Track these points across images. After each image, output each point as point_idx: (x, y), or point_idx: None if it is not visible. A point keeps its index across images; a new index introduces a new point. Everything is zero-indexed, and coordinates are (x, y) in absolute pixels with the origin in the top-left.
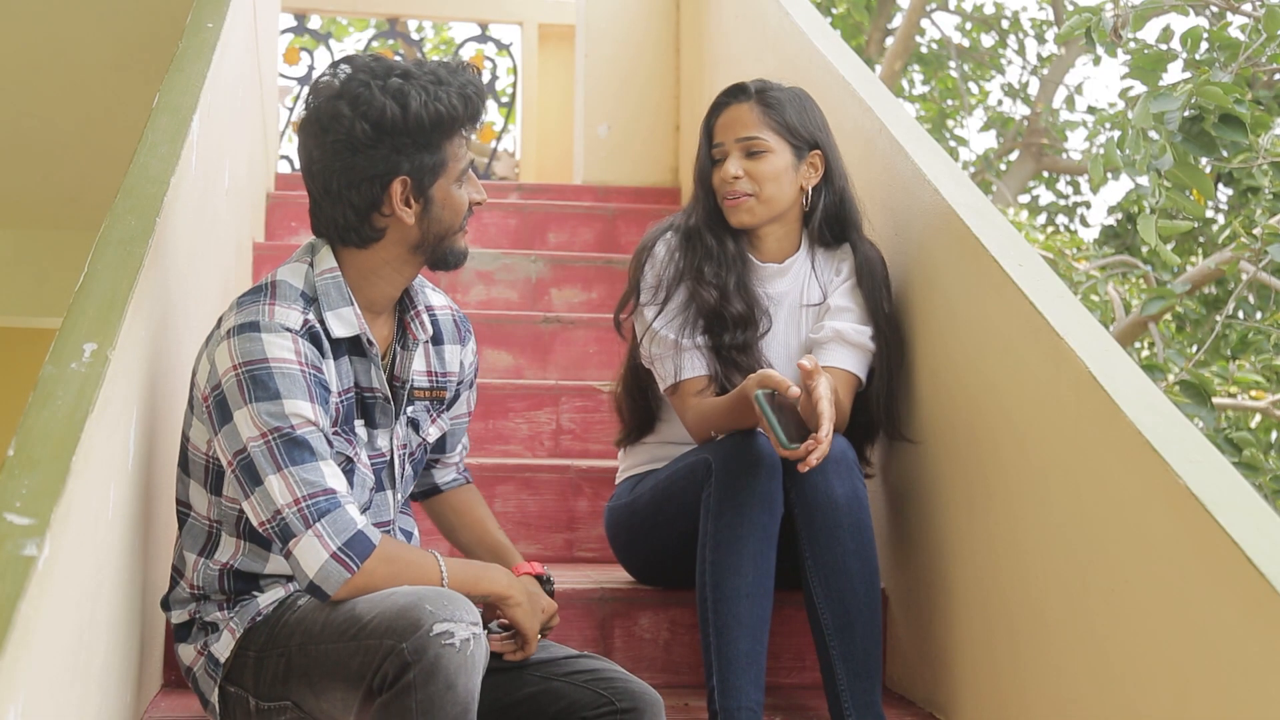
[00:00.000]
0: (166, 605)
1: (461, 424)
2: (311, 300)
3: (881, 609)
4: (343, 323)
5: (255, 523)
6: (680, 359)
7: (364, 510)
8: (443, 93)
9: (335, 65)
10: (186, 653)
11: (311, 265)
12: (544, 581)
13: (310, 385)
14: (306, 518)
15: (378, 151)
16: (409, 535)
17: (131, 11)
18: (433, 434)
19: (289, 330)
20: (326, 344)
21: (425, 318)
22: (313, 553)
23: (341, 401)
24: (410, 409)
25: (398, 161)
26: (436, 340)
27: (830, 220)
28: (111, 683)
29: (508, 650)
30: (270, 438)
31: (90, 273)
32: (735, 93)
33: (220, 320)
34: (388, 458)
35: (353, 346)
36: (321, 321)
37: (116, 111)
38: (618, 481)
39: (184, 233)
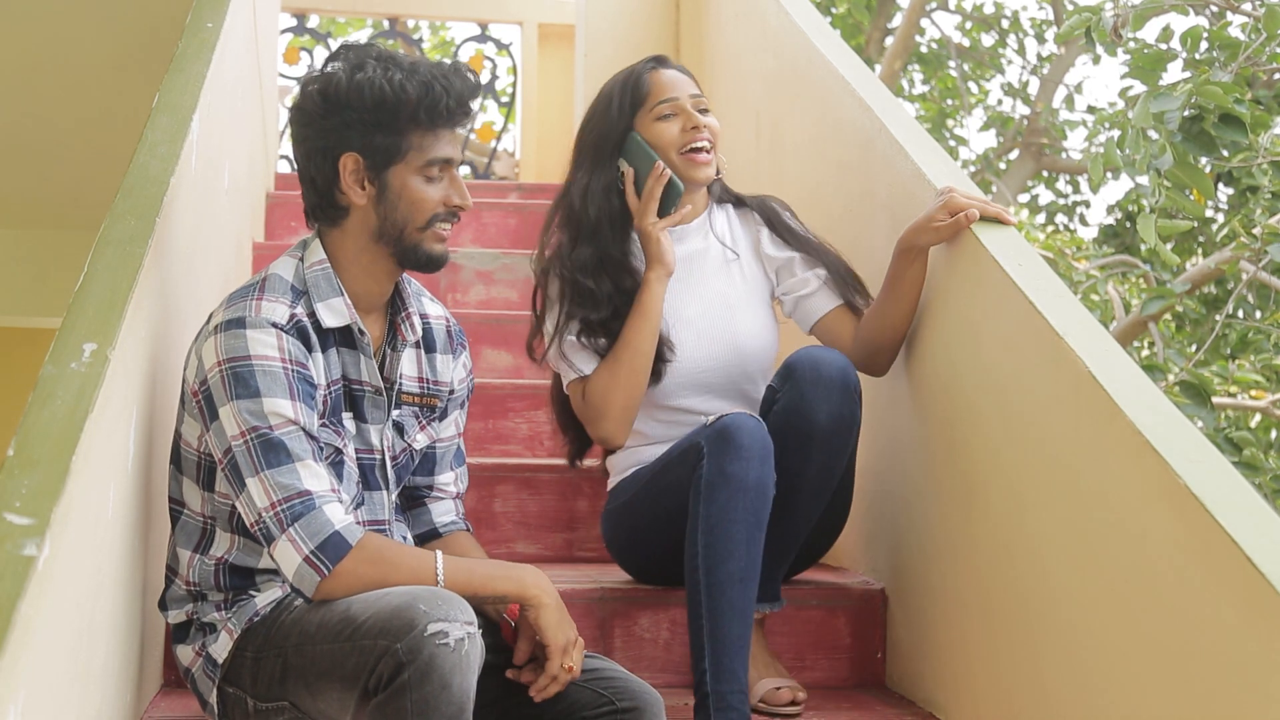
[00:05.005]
0: (163, 605)
1: (450, 446)
2: (301, 293)
3: (832, 504)
4: (333, 313)
5: (247, 523)
6: (576, 358)
7: (357, 506)
8: (399, 75)
9: (338, 50)
10: (185, 653)
11: (302, 259)
12: None
13: (292, 382)
14: (281, 521)
15: (327, 123)
16: (405, 538)
17: (131, 11)
18: (420, 441)
19: (274, 325)
20: (315, 337)
21: (416, 320)
22: (288, 557)
23: (330, 393)
24: (397, 412)
25: (347, 136)
26: (428, 348)
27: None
28: (111, 683)
29: (529, 680)
30: (248, 438)
31: (90, 273)
32: (662, 60)
33: (210, 315)
34: (378, 456)
35: (343, 338)
36: (312, 314)
37: (116, 111)
38: (610, 489)
39: (184, 233)
